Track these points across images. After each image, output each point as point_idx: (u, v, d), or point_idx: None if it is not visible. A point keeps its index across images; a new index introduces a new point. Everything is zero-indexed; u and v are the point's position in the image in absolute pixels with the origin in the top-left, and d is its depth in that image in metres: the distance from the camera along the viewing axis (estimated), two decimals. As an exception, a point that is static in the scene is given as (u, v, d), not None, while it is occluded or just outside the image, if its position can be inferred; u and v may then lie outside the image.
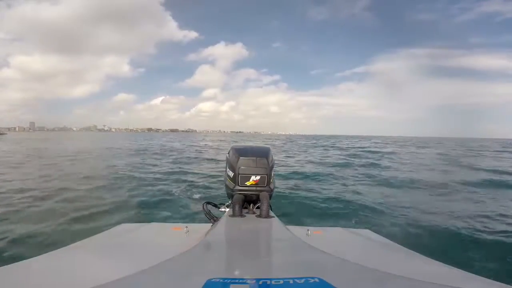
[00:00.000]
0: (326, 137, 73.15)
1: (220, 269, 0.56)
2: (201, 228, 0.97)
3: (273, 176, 1.19)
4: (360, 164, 9.11)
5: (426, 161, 11.06)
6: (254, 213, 1.05)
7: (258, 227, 0.92)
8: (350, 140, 33.92)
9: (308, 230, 0.96)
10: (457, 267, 0.61)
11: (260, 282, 0.43)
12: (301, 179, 6.16)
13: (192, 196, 4.45)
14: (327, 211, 3.80)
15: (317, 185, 5.56)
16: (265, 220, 0.95)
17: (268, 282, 0.43)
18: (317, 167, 8.45)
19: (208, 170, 7.55)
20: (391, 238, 0.99)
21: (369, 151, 14.62)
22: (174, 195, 4.51)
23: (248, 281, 0.44)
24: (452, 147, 23.12)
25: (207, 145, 20.87)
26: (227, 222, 0.95)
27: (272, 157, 1.21)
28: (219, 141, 29.30)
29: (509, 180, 6.30)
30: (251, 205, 1.12)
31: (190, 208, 3.75)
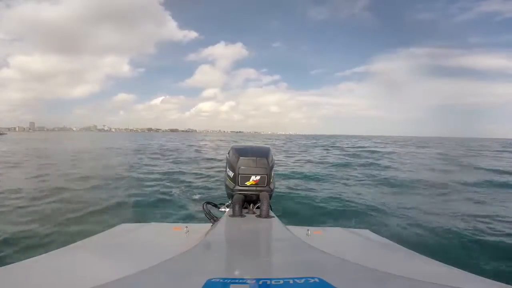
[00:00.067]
0: (326, 137, 73.15)
1: (220, 269, 0.56)
2: (201, 228, 0.97)
3: (273, 176, 1.19)
4: (360, 164, 9.11)
5: (426, 161, 11.06)
6: (254, 213, 1.05)
7: (258, 227, 0.92)
8: (350, 140, 33.92)
9: (308, 230, 0.96)
10: (457, 267, 0.61)
11: (260, 282, 0.43)
12: (301, 179, 6.16)
13: (192, 196, 4.45)
14: (327, 211, 3.80)
15: (317, 185, 5.56)
16: (265, 220, 0.95)
17: (268, 282, 0.43)
18: (317, 167, 8.46)
19: (208, 170, 7.56)
20: (391, 238, 0.99)
21: (369, 151, 14.62)
22: (174, 195, 4.50)
23: (248, 281, 0.44)
24: (452, 146, 23.13)
25: (207, 145, 20.88)
26: (227, 222, 0.95)
27: (272, 157, 1.21)
28: (219, 141, 29.31)
29: (510, 180, 6.30)
30: (251, 205, 1.12)
31: (190, 208, 3.75)
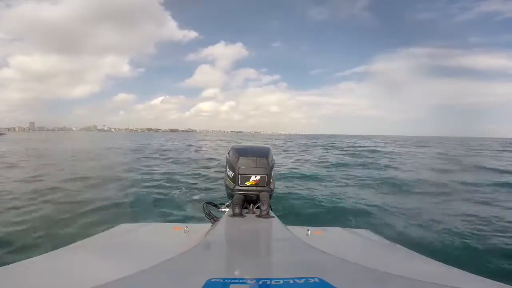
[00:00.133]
0: (326, 136, 73.15)
1: (220, 269, 0.56)
2: (201, 228, 0.97)
3: (273, 176, 1.19)
4: (360, 164, 9.11)
5: (426, 161, 11.06)
6: (254, 213, 1.05)
7: (258, 227, 0.92)
8: (350, 140, 33.92)
9: (308, 230, 0.96)
10: (457, 267, 0.61)
11: (260, 282, 0.43)
12: (301, 179, 6.16)
13: (192, 196, 4.45)
14: (327, 211, 3.80)
15: (317, 185, 5.56)
16: (265, 220, 0.95)
17: (268, 282, 0.43)
18: (317, 166, 8.46)
19: (207, 170, 7.56)
20: (391, 238, 0.99)
21: (369, 150, 14.61)
22: (174, 195, 4.50)
23: (248, 281, 0.44)
24: (452, 146, 23.12)
25: (206, 145, 20.88)
26: (227, 222, 0.95)
27: (272, 157, 1.21)
28: (219, 140, 29.32)
29: (510, 180, 6.30)
30: (251, 205, 1.12)
31: (190, 208, 3.74)
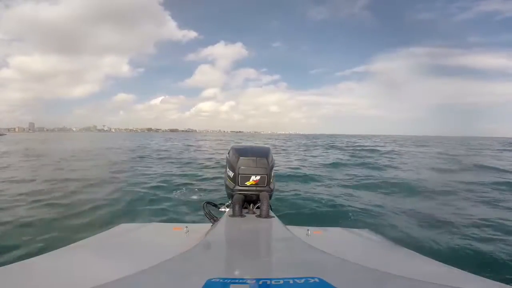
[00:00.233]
0: (326, 136, 73.06)
1: (220, 269, 0.56)
2: (201, 228, 0.97)
3: (273, 176, 1.20)
4: (360, 163, 9.10)
5: (426, 160, 11.05)
6: (254, 213, 1.05)
7: (258, 227, 0.92)
8: (350, 139, 33.91)
9: (308, 230, 0.96)
10: (457, 267, 0.61)
11: (260, 282, 0.43)
12: (301, 178, 6.15)
13: (192, 197, 4.44)
14: (327, 211, 3.79)
15: (317, 185, 5.55)
16: (265, 220, 0.95)
17: (268, 282, 0.43)
18: (317, 166, 8.45)
19: (207, 170, 7.55)
20: (391, 238, 0.99)
21: (368, 150, 14.61)
22: (174, 195, 4.50)
23: (248, 281, 0.44)
24: (452, 145, 23.10)
25: (206, 145, 20.89)
26: (227, 222, 0.95)
27: (272, 157, 1.21)
28: (219, 140, 29.30)
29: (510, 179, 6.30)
30: (251, 205, 1.12)
31: (190, 208, 3.74)
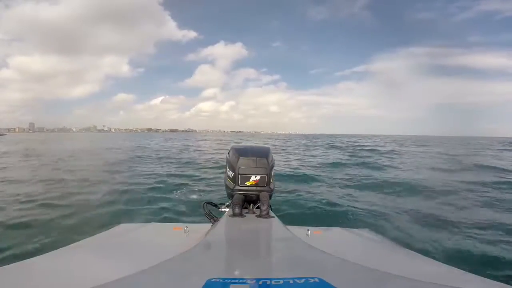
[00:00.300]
0: (326, 136, 73.04)
1: (220, 269, 0.56)
2: (201, 228, 0.97)
3: (273, 176, 1.20)
4: (360, 163, 9.10)
5: (426, 160, 11.05)
6: (254, 213, 1.05)
7: (258, 227, 0.92)
8: (349, 139, 33.90)
9: (308, 230, 0.96)
10: (457, 267, 0.61)
11: (260, 282, 0.43)
12: (301, 178, 6.15)
13: (192, 197, 4.44)
14: (327, 211, 3.79)
15: (317, 185, 5.55)
16: (265, 220, 0.95)
17: (268, 282, 0.43)
18: (317, 166, 8.44)
19: (207, 170, 7.55)
20: (391, 238, 0.99)
21: (368, 150, 14.60)
22: (174, 195, 4.50)
23: (248, 281, 0.44)
24: (452, 145, 23.10)
25: (206, 145, 20.91)
26: (227, 222, 0.95)
27: (272, 157, 1.21)
28: (219, 140, 29.30)
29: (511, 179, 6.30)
30: (251, 205, 1.12)
31: (190, 208, 3.74)
